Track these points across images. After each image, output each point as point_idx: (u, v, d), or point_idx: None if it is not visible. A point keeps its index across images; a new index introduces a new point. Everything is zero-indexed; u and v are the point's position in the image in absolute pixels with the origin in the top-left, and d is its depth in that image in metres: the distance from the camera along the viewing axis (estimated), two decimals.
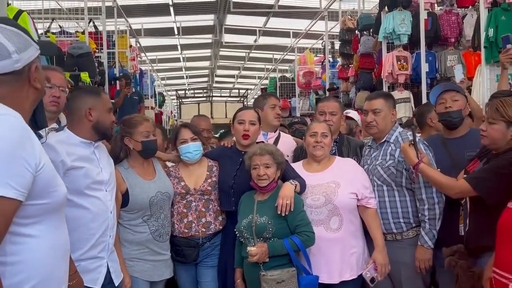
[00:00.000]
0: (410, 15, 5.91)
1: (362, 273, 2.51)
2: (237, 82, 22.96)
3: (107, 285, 2.16)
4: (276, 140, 3.09)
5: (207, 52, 17.49)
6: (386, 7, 6.12)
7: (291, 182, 2.51)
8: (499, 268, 1.85)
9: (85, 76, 5.17)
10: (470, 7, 6.11)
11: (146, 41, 12.98)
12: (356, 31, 7.74)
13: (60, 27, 6.63)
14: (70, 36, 6.48)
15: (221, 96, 21.70)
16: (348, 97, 8.27)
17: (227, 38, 14.07)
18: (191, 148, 2.74)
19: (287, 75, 13.33)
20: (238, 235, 2.55)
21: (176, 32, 13.30)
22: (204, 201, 2.74)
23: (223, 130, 4.39)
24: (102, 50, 6.96)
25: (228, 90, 23.16)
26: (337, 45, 9.64)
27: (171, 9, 11.71)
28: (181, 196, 2.72)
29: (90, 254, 2.08)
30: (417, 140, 2.49)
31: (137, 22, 11.25)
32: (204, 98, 20.51)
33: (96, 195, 2.13)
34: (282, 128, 3.98)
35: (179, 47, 15.80)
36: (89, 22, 6.77)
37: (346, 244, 2.53)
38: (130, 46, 9.00)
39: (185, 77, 21.80)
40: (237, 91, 21.35)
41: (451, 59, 5.96)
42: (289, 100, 12.27)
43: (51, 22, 6.44)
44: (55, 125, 2.51)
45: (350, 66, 8.09)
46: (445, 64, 6.00)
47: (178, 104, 18.68)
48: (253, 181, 2.54)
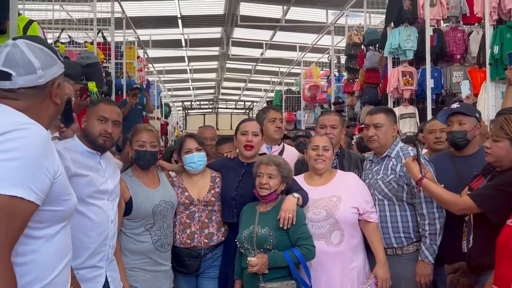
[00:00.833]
0: (416, 31, 5.96)
1: None
2: (243, 95, 23.07)
3: None
4: (281, 153, 3.10)
5: (213, 64, 17.64)
6: (392, 23, 6.17)
7: (293, 195, 2.51)
8: (498, 285, 1.83)
9: (92, 85, 5.21)
10: (476, 24, 6.15)
11: (154, 52, 13.12)
12: (362, 46, 7.80)
13: (70, 37, 6.72)
14: (79, 46, 6.56)
15: (226, 108, 21.78)
16: (353, 111, 8.30)
17: (234, 51, 14.19)
18: (195, 158, 2.75)
19: (293, 88, 13.41)
20: (238, 245, 2.55)
21: (183, 44, 13.45)
22: (207, 212, 2.74)
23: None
24: (110, 61, 7.03)
25: (234, 102, 23.27)
26: (343, 60, 9.70)
27: (179, 21, 11.86)
28: (184, 206, 2.73)
29: (89, 263, 2.08)
30: (420, 155, 2.49)
31: (146, 34, 11.41)
32: (209, 110, 20.59)
33: (98, 204, 2.14)
34: (289, 141, 4.00)
35: (186, 58, 15.95)
36: (98, 33, 6.86)
37: (347, 258, 2.52)
38: (138, 57, 9.09)
39: (191, 89, 21.96)
40: (242, 103, 21.44)
41: (457, 75, 5.99)
42: (295, 113, 12.33)
43: (61, 32, 6.53)
44: (57, 134, 2.53)
45: (355, 80, 8.13)
46: (450, 80, 6.03)
47: (184, 115, 18.76)
48: (255, 188, 2.55)
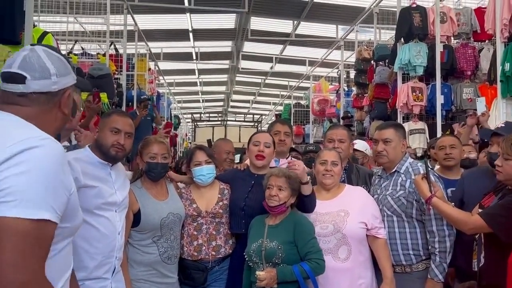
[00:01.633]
0: (426, 47, 5.96)
1: None
2: (252, 108, 23.17)
3: None
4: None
5: (223, 77, 17.79)
6: (402, 39, 6.18)
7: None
8: None
9: (103, 96, 5.28)
10: (487, 41, 6.14)
11: (164, 65, 13.27)
12: (372, 61, 7.81)
13: (83, 48, 6.84)
14: (92, 58, 6.67)
15: (235, 121, 21.88)
16: (362, 126, 8.28)
17: (244, 64, 14.32)
18: (205, 171, 2.76)
19: (302, 102, 13.45)
20: (247, 259, 2.52)
21: (194, 57, 13.61)
22: (215, 224, 2.74)
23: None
24: (121, 72, 7.13)
25: (243, 115, 23.35)
26: (352, 74, 9.71)
27: (191, 35, 12.02)
28: (192, 218, 2.72)
29: (95, 275, 2.08)
30: (429, 172, 2.46)
31: (157, 46, 11.56)
32: (218, 122, 20.70)
33: (106, 215, 2.14)
34: (296, 154, 3.99)
35: (196, 71, 16.11)
36: (111, 45, 6.98)
37: (354, 274, 2.49)
38: (149, 69, 9.21)
39: (201, 101, 22.11)
40: (251, 116, 21.52)
41: (467, 91, 5.96)
42: (303, 126, 12.34)
43: (74, 44, 6.65)
44: (66, 143, 2.56)
45: (365, 95, 8.13)
46: (461, 96, 6.00)
47: (193, 127, 18.88)
48: (265, 200, 2.55)
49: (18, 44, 3.32)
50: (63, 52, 5.67)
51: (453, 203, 2.46)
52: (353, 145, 3.51)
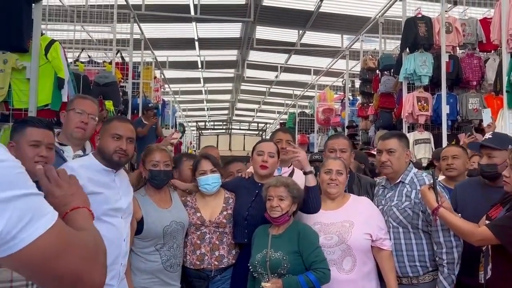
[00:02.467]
0: (431, 57, 5.96)
1: None
2: (256, 116, 23.20)
3: None
4: (291, 175, 3.08)
5: (228, 85, 17.85)
6: (407, 49, 6.18)
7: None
8: None
9: (109, 104, 5.31)
10: (493, 51, 6.13)
11: (170, 73, 13.35)
12: (377, 70, 7.81)
13: (89, 56, 6.89)
14: (98, 66, 6.72)
15: (240, 129, 21.92)
16: (367, 135, 8.26)
17: (249, 73, 14.37)
18: (210, 180, 2.76)
19: (307, 111, 13.46)
20: (251, 269, 2.50)
21: (199, 66, 13.68)
22: (218, 233, 2.72)
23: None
24: (127, 80, 7.17)
25: (247, 124, 23.40)
26: (357, 84, 9.73)
27: (196, 43, 12.10)
28: (196, 227, 2.72)
29: None
30: (436, 182, 2.44)
31: (163, 55, 11.64)
32: (223, 130, 20.75)
33: (112, 222, 2.15)
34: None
35: (202, 80, 16.19)
36: (117, 53, 7.03)
37: (358, 286, 2.46)
38: (155, 77, 9.26)
39: (206, 109, 22.19)
40: (256, 124, 21.56)
41: (473, 101, 5.94)
42: (308, 136, 12.33)
43: (81, 52, 6.71)
44: (80, 152, 2.56)
45: (370, 104, 8.12)
46: (466, 106, 5.98)
47: (198, 135, 18.93)
48: (267, 212, 2.53)
49: (25, 51, 3.36)
50: (70, 60, 5.73)
51: (459, 214, 2.43)
52: (354, 155, 3.50)
